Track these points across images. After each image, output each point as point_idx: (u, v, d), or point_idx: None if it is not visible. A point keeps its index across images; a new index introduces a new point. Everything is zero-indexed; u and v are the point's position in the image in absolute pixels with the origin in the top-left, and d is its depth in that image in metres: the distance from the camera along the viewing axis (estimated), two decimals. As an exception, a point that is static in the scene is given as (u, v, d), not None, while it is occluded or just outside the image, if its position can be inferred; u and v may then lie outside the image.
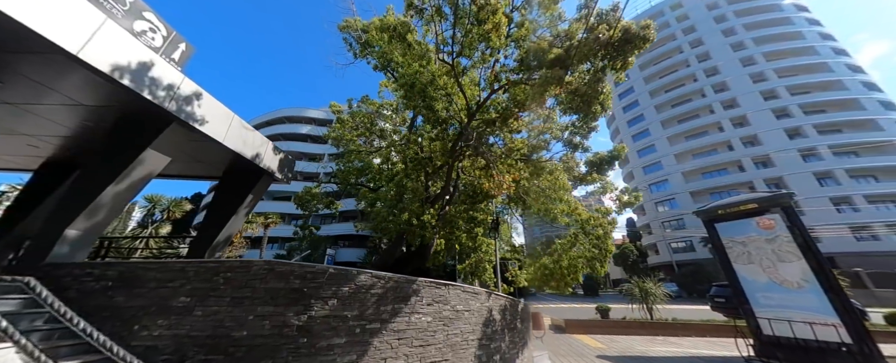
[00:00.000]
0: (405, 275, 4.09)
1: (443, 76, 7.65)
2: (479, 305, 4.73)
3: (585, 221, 6.36)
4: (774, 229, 7.43)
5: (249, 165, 6.34)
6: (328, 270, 3.68)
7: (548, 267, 6.34)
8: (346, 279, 3.73)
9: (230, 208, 6.53)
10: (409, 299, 4.02)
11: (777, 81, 36.70)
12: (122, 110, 4.63)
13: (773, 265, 7.28)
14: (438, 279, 4.43)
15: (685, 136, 41.10)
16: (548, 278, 6.26)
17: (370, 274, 3.89)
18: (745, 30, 41.13)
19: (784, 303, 6.98)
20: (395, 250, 7.79)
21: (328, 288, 3.62)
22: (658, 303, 10.98)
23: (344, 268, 3.80)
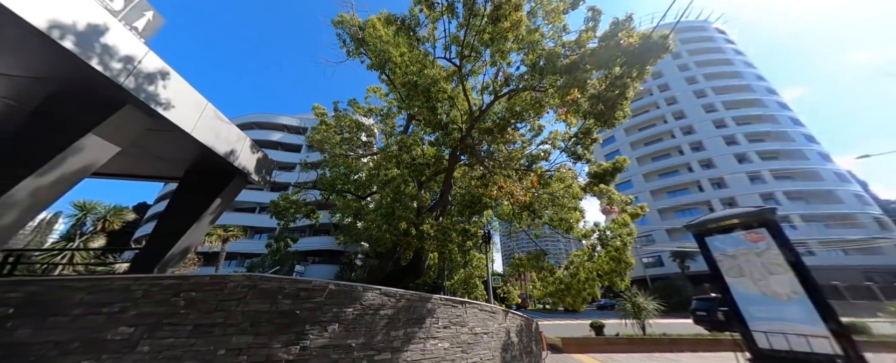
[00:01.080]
0: (419, 293, 3.45)
1: (444, 80, 7.35)
2: (496, 326, 4.16)
3: (603, 231, 6.12)
4: (763, 242, 7.73)
5: (221, 163, 5.41)
6: (328, 287, 2.97)
7: (563, 281, 5.94)
8: (350, 298, 3.03)
9: (192, 214, 5.46)
10: (423, 321, 3.37)
11: (725, 112, 41.46)
12: (60, 84, 3.68)
13: (764, 277, 7.49)
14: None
15: (651, 157, 44.50)
16: (563, 293, 5.85)
17: (379, 291, 3.22)
18: (704, 78, 46.56)
19: (776, 315, 7.11)
20: (387, 264, 7.00)
21: (328, 309, 2.89)
22: (650, 317, 10.99)
23: (347, 285, 3.10)
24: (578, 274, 5.87)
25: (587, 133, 7.40)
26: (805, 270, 7.03)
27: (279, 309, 2.73)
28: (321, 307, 2.86)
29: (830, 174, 35.09)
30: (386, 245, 6.00)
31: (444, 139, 6.83)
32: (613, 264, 5.64)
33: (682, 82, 45.77)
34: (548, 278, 6.33)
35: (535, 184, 6.40)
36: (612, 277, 5.63)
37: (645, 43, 4.33)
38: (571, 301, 5.85)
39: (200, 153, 5.17)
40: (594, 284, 5.71)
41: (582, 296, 5.76)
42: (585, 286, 5.67)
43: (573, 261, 6.11)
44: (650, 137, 45.60)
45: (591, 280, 5.71)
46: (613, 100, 4.43)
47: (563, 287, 5.82)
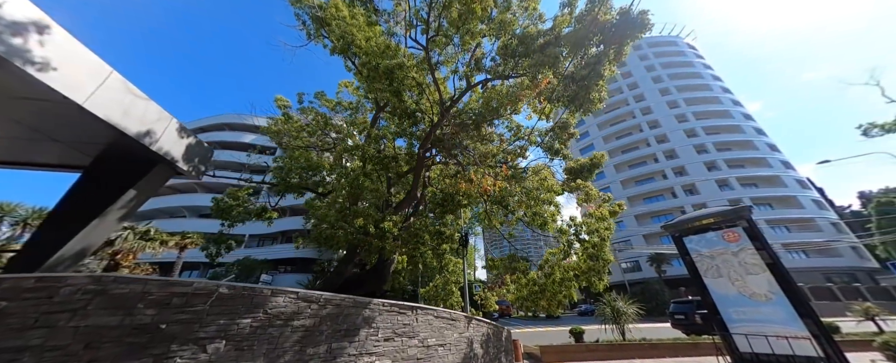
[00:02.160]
0: (353, 297, 2.76)
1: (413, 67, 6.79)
2: (456, 336, 3.51)
3: (580, 226, 5.66)
4: (739, 241, 7.61)
5: (135, 148, 4.52)
6: (217, 290, 2.23)
7: (538, 282, 5.39)
8: (248, 305, 2.30)
9: (94, 208, 4.50)
10: (356, 333, 2.67)
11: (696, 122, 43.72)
12: None
13: (742, 277, 7.33)
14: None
15: (628, 164, 45.98)
16: (537, 296, 5.30)
17: (295, 295, 2.50)
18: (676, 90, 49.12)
19: (755, 316, 6.93)
20: (346, 268, 6.20)
21: (212, 321, 2.15)
22: (629, 322, 10.68)
23: (248, 287, 2.37)
24: (553, 274, 5.37)
25: (563, 127, 7.05)
26: (782, 269, 6.91)
27: (136, 322, 1.97)
28: (202, 318, 2.11)
29: (792, 181, 37.47)
30: (339, 246, 5.27)
31: (411, 129, 6.23)
32: (591, 262, 5.19)
33: (656, 93, 48.02)
34: (521, 280, 5.78)
35: (506, 172, 5.91)
36: (590, 277, 5.17)
37: (624, 18, 3.96)
38: (546, 304, 5.32)
39: (107, 134, 4.28)
40: (571, 285, 5.22)
41: (557, 299, 5.25)
42: (561, 288, 5.17)
43: (548, 261, 5.61)
44: (627, 145, 47.24)
45: (568, 281, 5.22)
46: (587, 79, 4.01)
47: (537, 289, 5.29)
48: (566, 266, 5.44)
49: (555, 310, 5.44)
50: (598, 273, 5.15)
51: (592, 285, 5.28)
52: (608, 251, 5.34)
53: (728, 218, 7.95)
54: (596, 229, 5.50)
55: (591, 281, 5.24)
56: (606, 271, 5.28)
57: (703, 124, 43.09)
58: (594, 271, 5.15)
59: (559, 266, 5.47)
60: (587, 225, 5.67)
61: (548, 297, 5.26)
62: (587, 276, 5.21)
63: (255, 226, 36.94)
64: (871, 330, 10.47)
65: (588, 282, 5.27)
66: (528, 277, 5.69)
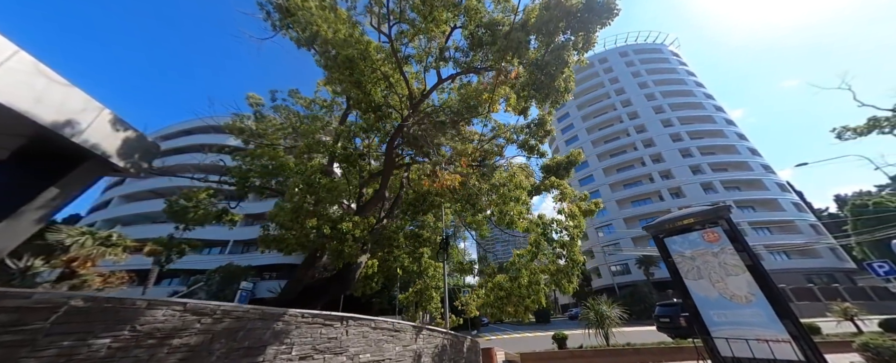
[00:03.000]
0: (261, 308, 2.32)
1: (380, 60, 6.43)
2: (399, 350, 3.09)
3: (548, 225, 5.29)
4: (719, 241, 7.41)
5: (55, 141, 4.02)
6: (67, 303, 1.78)
7: (504, 287, 5.01)
8: (113, 320, 1.85)
9: (4, 207, 3.96)
10: (262, 351, 2.23)
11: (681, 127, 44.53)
12: None
13: (722, 279, 7.10)
14: (372, 313, 2.76)
15: (616, 168, 46.42)
16: (504, 302, 4.91)
17: (180, 307, 2.06)
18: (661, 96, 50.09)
19: (736, 319, 6.68)
20: (306, 274, 5.71)
21: (52, 342, 1.69)
22: (613, 326, 10.37)
23: (114, 298, 1.92)
24: (520, 277, 4.99)
25: (540, 124, 6.77)
26: (761, 270, 6.69)
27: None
28: (36, 340, 1.65)
29: (773, 184, 38.28)
30: (291, 248, 4.80)
31: (378, 125, 5.85)
32: (560, 263, 4.83)
33: (642, 98, 48.84)
34: (488, 284, 5.39)
35: (465, 166, 5.56)
36: (559, 279, 4.80)
37: (589, 4, 3.69)
38: (513, 310, 4.93)
39: (20, 125, 3.77)
40: (539, 289, 4.85)
41: (525, 304, 4.87)
42: (529, 291, 4.79)
43: (514, 263, 5.23)
44: (616, 149, 47.74)
45: (535, 285, 4.84)
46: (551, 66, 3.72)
47: (502, 294, 4.90)
48: (534, 268, 5.06)
49: (523, 316, 5.06)
50: (567, 275, 4.78)
51: (562, 288, 4.90)
52: (578, 251, 4.98)
53: (708, 218, 7.76)
54: (565, 227, 5.14)
55: (560, 283, 4.86)
56: (577, 273, 4.92)
57: (687, 129, 43.92)
58: (563, 273, 4.79)
59: (526, 269, 5.08)
60: (556, 223, 5.31)
61: (514, 303, 4.87)
62: (556, 279, 4.84)
63: (240, 231, 35.67)
64: (851, 330, 10.41)
65: (556, 285, 4.88)
66: (494, 281, 5.30)
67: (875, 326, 10.46)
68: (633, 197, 42.86)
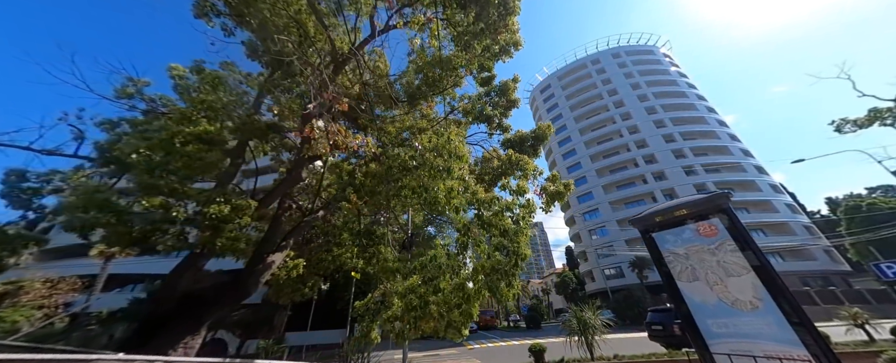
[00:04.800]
0: None
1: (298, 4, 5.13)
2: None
3: (485, 204, 3.93)
4: (717, 236, 6.24)
5: None
6: None
7: (419, 293, 3.66)
8: None
9: None
10: None
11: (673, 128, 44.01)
12: None
13: (722, 281, 5.92)
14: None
15: (609, 169, 45.63)
16: (416, 314, 3.57)
17: None
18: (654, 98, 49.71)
19: (739, 329, 5.48)
20: (180, 278, 4.31)
21: None
22: (598, 334, 9.15)
23: None
24: (439, 279, 3.65)
25: (503, 91, 5.56)
26: (768, 268, 5.52)
27: None
28: None
29: (766, 185, 37.69)
30: (113, 242, 3.44)
31: (284, 83, 4.58)
32: (500, 258, 3.56)
33: (635, 99, 48.32)
34: (399, 288, 4.10)
35: (364, 120, 4.26)
36: (494, 280, 3.50)
37: None
38: (433, 326, 3.61)
39: None
40: (471, 296, 3.53)
41: (449, 319, 3.55)
42: (451, 298, 3.50)
43: (433, 260, 3.89)
44: (609, 150, 47.01)
45: (463, 291, 3.51)
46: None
47: (416, 304, 3.58)
48: (457, 265, 3.73)
49: (447, 333, 3.73)
50: (506, 275, 3.47)
51: (497, 293, 3.57)
52: (525, 243, 3.72)
53: (703, 208, 6.61)
54: (508, 207, 3.85)
55: (496, 286, 3.54)
56: (519, 271, 3.65)
57: (680, 129, 43.39)
58: (501, 272, 3.48)
59: (451, 266, 3.73)
60: (496, 203, 3.95)
61: (434, 317, 3.54)
62: (493, 280, 3.54)
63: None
64: (860, 338, 9.30)
65: (490, 289, 3.56)
66: (405, 285, 3.98)
67: (887, 333, 9.34)
68: (626, 198, 42.00)
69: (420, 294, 3.56)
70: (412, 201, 3.80)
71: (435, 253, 3.80)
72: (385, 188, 4.39)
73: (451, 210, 3.73)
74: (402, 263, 4.52)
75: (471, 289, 3.47)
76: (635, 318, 27.66)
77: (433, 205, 3.72)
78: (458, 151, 4.03)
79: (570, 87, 56.41)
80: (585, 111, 52.25)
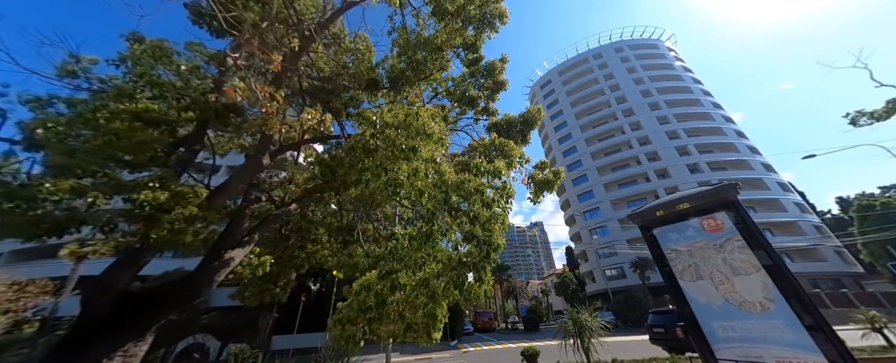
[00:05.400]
0: None
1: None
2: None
3: (455, 187, 3.38)
4: (722, 231, 5.79)
5: None
6: None
7: (375, 290, 3.20)
8: None
9: None
10: None
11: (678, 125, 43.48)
12: None
13: (728, 279, 5.47)
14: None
15: (611, 167, 45.13)
16: (371, 315, 3.12)
17: None
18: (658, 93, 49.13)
19: (748, 333, 5.03)
20: (118, 276, 3.85)
21: None
22: (595, 337, 8.72)
23: None
24: (394, 274, 3.17)
25: (490, 72, 5.11)
26: (781, 267, 5.07)
27: None
28: None
29: (774, 184, 37.14)
30: (17, 230, 3.00)
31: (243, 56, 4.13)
32: (473, 250, 3.07)
33: (637, 95, 47.75)
34: (354, 286, 3.64)
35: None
36: (459, 275, 3.01)
37: None
38: (390, 330, 3.15)
39: None
40: (435, 296, 3.03)
41: (410, 322, 3.08)
42: (414, 297, 3.03)
43: (393, 253, 3.41)
44: (610, 147, 46.49)
45: (425, 287, 3.01)
46: None
47: (372, 303, 3.12)
48: (421, 258, 3.20)
49: (405, 336, 3.26)
50: (475, 267, 3.02)
51: (465, 290, 3.07)
52: (499, 232, 3.24)
53: (707, 201, 6.15)
54: (476, 189, 3.34)
55: (462, 283, 3.04)
56: (491, 264, 3.19)
57: (684, 126, 42.82)
58: (468, 265, 3.02)
59: (412, 260, 3.23)
60: (469, 183, 3.42)
61: (393, 320, 3.06)
62: (456, 274, 3.07)
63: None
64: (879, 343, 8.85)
65: (457, 285, 3.07)
66: (359, 282, 3.52)
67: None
68: (628, 197, 41.50)
69: (377, 292, 3.12)
70: (373, 184, 3.36)
71: (396, 244, 3.35)
72: (348, 174, 3.94)
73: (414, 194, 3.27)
74: (366, 258, 4.05)
75: (437, 285, 3.02)
76: (637, 321, 27.23)
77: (395, 190, 3.24)
78: (427, 128, 3.56)
79: (570, 82, 55.82)
80: (586, 107, 51.70)
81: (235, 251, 5.36)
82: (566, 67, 58.16)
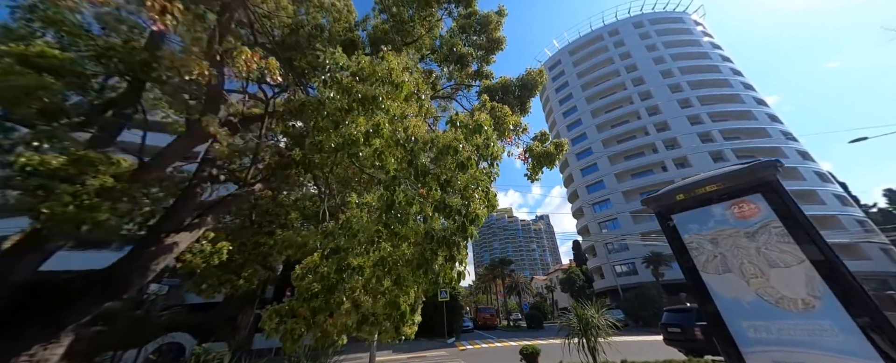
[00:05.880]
0: None
1: None
2: None
3: (424, 145, 2.79)
4: (758, 216, 5.21)
5: None
6: None
7: (321, 273, 2.67)
8: None
9: None
10: None
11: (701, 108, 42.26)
12: None
13: (762, 273, 4.90)
14: None
15: (624, 155, 44.25)
16: (314, 309, 2.58)
17: None
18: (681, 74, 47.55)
19: (787, 335, 4.50)
20: (26, 252, 3.36)
21: None
22: (603, 336, 8.33)
23: None
24: (343, 252, 2.54)
25: (483, 26, 4.46)
26: (831, 258, 4.53)
27: None
28: None
29: (811, 173, 36.14)
30: None
31: None
32: (437, 222, 2.48)
33: (657, 76, 46.32)
34: (298, 282, 3.08)
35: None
36: (428, 253, 2.37)
37: None
38: (335, 325, 2.62)
39: None
40: (401, 284, 2.46)
41: (364, 312, 2.55)
42: (370, 283, 2.47)
43: (344, 227, 2.76)
44: (624, 134, 45.50)
45: (380, 268, 2.43)
46: None
47: (317, 290, 2.57)
48: (376, 234, 2.52)
49: (359, 331, 2.74)
50: (447, 244, 2.39)
51: (433, 272, 2.44)
52: (480, 201, 2.59)
53: (740, 181, 5.49)
54: (449, 146, 2.71)
55: (430, 261, 2.41)
56: (468, 240, 2.61)
57: (708, 110, 41.59)
58: (438, 241, 2.37)
59: (367, 237, 2.56)
60: (442, 138, 2.73)
61: (343, 308, 2.51)
62: (425, 251, 2.42)
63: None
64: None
65: (421, 265, 2.42)
66: (301, 266, 2.98)
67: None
68: (642, 187, 40.81)
69: (322, 275, 2.61)
70: (325, 144, 2.78)
71: (349, 216, 2.79)
72: (312, 145, 3.36)
73: (370, 154, 2.68)
74: (317, 236, 3.44)
75: (400, 265, 2.48)
76: (649, 320, 27.10)
77: (352, 151, 2.63)
78: (395, 77, 2.94)
79: (582, 62, 54.24)
80: (599, 90, 50.36)
81: (181, 235, 4.85)
82: (578, 46, 56.39)
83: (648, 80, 46.55)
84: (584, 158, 47.07)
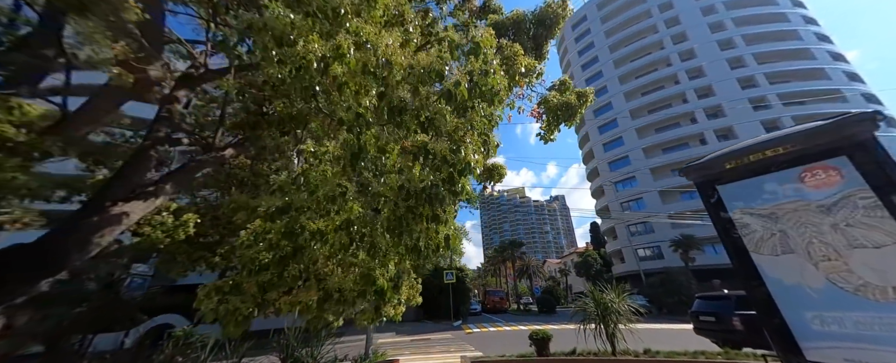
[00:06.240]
0: None
1: None
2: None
3: (404, 72, 1.92)
4: (838, 185, 4.45)
5: None
6: None
7: (270, 240, 2.21)
8: None
9: None
10: None
11: (756, 67, 39.27)
12: None
13: (838, 254, 4.24)
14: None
15: (654, 128, 42.22)
16: (266, 285, 2.12)
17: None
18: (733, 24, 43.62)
19: (867, 330, 3.92)
20: None
21: None
22: (623, 323, 7.98)
23: None
24: (295, 212, 2.00)
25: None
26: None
27: None
28: None
29: None
30: None
31: None
32: (419, 172, 1.92)
33: (703, 30, 42.85)
34: (241, 242, 2.63)
35: None
36: (406, 211, 1.85)
37: None
38: (289, 302, 2.19)
39: None
40: (375, 250, 1.96)
41: (329, 287, 2.10)
42: (338, 250, 1.95)
43: (298, 181, 2.23)
44: (656, 103, 43.12)
45: (345, 233, 1.91)
46: None
47: (261, 263, 2.09)
48: (338, 191, 2.01)
49: (321, 312, 2.31)
50: (430, 199, 1.88)
51: (414, 231, 1.88)
52: (474, 146, 2.02)
53: (820, 142, 4.67)
54: (433, 69, 2.08)
55: (409, 220, 1.87)
56: (459, 196, 2.08)
57: (765, 70, 38.25)
58: (417, 196, 1.84)
59: (329, 194, 2.01)
60: (414, 70, 2.09)
61: (303, 282, 2.10)
62: (399, 209, 1.87)
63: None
64: None
65: (398, 226, 1.89)
66: (247, 232, 2.51)
67: None
68: (674, 163, 39.19)
69: (273, 243, 2.15)
70: (272, 73, 2.19)
71: (306, 168, 2.26)
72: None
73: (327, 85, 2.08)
74: (272, 196, 2.91)
75: (370, 228, 1.99)
76: (675, 307, 26.94)
77: (302, 83, 2.01)
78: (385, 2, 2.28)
79: (612, 17, 50.49)
80: (630, 51, 47.20)
81: (132, 204, 4.45)
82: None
83: (693, 35, 43.17)
84: (608, 131, 45.25)
